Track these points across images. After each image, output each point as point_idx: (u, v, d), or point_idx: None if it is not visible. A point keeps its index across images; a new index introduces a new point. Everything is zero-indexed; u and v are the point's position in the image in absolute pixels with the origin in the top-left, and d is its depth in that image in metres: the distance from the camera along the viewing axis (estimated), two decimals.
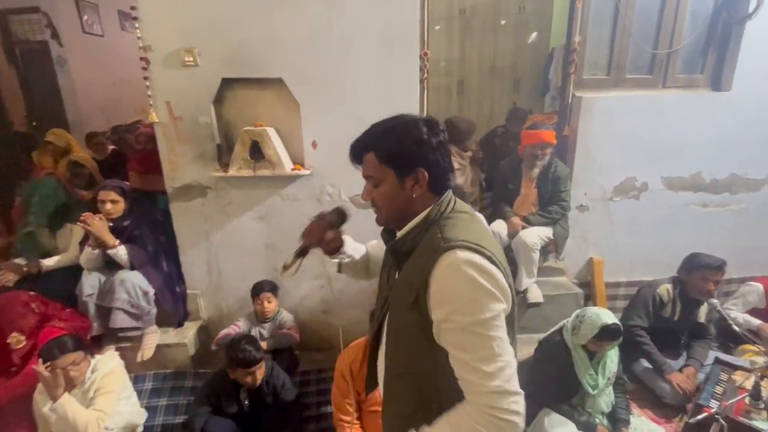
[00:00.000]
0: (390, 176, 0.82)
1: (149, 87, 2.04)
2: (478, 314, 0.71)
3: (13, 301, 1.91)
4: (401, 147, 0.81)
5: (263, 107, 2.15)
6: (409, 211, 0.84)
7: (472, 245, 0.74)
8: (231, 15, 1.96)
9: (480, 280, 0.72)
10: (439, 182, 0.83)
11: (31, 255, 2.24)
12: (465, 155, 2.72)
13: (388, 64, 2.06)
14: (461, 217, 0.83)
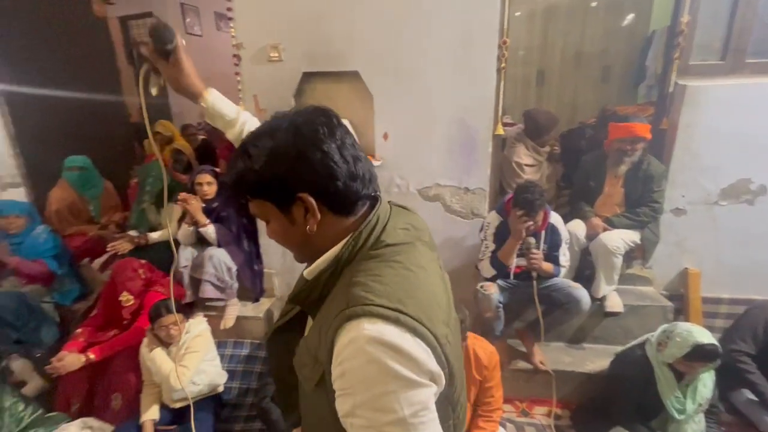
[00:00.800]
0: (272, 211, 0.62)
1: (239, 81, 2.23)
2: (392, 412, 0.51)
3: (126, 266, 2.23)
4: (265, 173, 0.59)
5: (339, 99, 2.24)
6: (317, 246, 0.63)
7: (388, 311, 0.52)
8: (314, 11, 2.05)
9: (391, 365, 0.51)
10: (341, 200, 0.60)
11: (142, 229, 2.61)
12: (542, 151, 2.56)
13: (464, 55, 2.01)
14: (386, 254, 0.59)
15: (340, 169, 0.58)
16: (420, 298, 0.57)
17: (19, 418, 1.79)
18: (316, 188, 0.59)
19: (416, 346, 0.53)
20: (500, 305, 1.98)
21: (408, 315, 0.53)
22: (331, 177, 0.58)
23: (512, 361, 2.19)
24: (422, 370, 0.53)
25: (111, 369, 2.00)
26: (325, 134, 0.58)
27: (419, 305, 0.56)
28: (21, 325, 2.07)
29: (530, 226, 1.84)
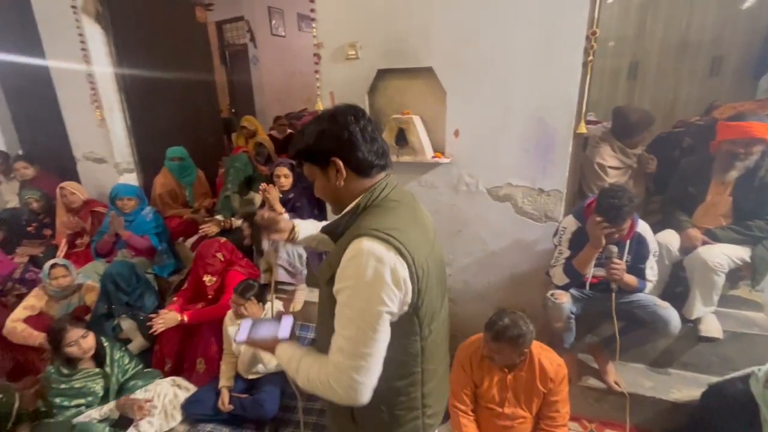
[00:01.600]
0: (316, 172, 0.90)
1: (318, 79, 2.34)
2: (362, 302, 0.78)
3: (206, 252, 2.43)
4: (311, 144, 0.87)
5: (411, 96, 2.25)
6: (344, 198, 0.91)
7: (381, 234, 0.79)
8: (391, 9, 2.08)
9: (372, 271, 0.76)
10: (360, 166, 0.87)
11: (226, 214, 2.88)
12: (631, 152, 2.32)
13: (547, 48, 1.89)
14: (388, 205, 0.88)
15: (360, 144, 0.85)
16: (406, 232, 0.82)
17: (124, 369, 2.09)
18: (343, 155, 0.86)
19: (395, 260, 0.78)
20: (572, 316, 1.85)
21: (395, 239, 0.79)
22: (354, 148, 0.85)
23: (582, 377, 2.03)
24: (396, 277, 0.78)
25: (198, 336, 2.25)
26: (351, 121, 0.86)
27: (404, 236, 0.81)
28: (131, 290, 2.41)
29: (613, 234, 1.68)
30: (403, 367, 0.89)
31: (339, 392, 0.79)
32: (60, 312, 2.39)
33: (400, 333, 0.84)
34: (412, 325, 0.86)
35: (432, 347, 0.92)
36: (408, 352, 0.89)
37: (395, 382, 0.89)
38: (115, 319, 2.36)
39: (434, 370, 0.95)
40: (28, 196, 3.10)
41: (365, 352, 0.77)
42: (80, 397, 1.90)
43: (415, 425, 0.95)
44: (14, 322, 2.27)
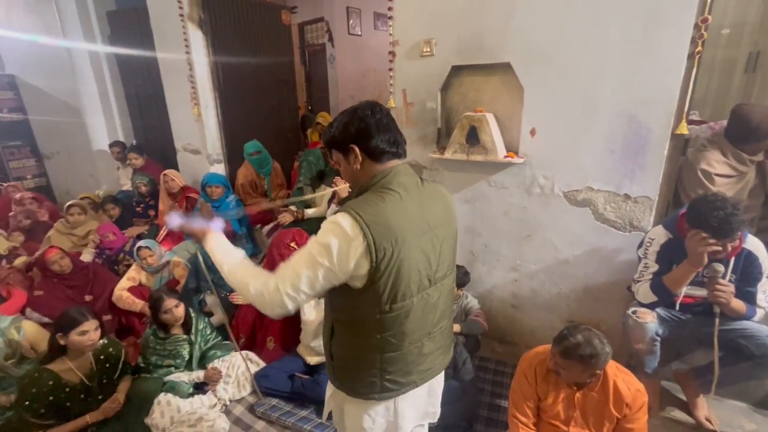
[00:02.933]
0: (340, 157, 1.05)
1: (392, 77, 2.37)
2: (313, 249, 0.95)
3: (281, 240, 2.61)
4: (336, 134, 1.03)
5: (486, 93, 2.18)
6: (360, 180, 1.05)
7: (351, 210, 0.93)
8: (469, 3, 2.03)
9: (331, 234, 0.93)
10: (374, 152, 1.00)
11: (299, 205, 3.06)
12: (748, 159, 1.92)
13: (645, 38, 1.71)
14: (380, 191, 0.98)
15: (374, 133, 1.00)
16: (379, 216, 0.94)
17: (206, 339, 2.34)
18: (359, 142, 1.00)
19: (353, 233, 0.92)
20: (657, 339, 1.66)
21: (360, 216, 0.92)
22: (369, 137, 1.00)
23: (666, 407, 1.82)
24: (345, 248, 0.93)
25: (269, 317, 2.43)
26: (368, 114, 1.00)
27: (374, 219, 0.93)
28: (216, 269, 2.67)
29: (718, 252, 1.46)
30: (363, 329, 1.05)
31: (262, 301, 0.98)
32: (155, 284, 2.75)
33: (361, 300, 0.99)
34: (371, 297, 0.98)
35: (393, 323, 1.03)
36: (364, 320, 1.03)
37: (356, 338, 1.07)
38: (201, 293, 2.64)
39: (397, 344, 1.06)
40: (138, 180, 3.59)
41: (301, 288, 0.95)
42: (170, 358, 2.16)
43: (372, 381, 1.09)
44: (120, 290, 2.66)
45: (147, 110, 4.21)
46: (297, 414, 2.06)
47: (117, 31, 4.06)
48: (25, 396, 1.69)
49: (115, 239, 3.13)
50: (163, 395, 2.00)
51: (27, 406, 1.69)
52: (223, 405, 2.12)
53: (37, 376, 1.73)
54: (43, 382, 1.71)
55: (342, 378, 1.14)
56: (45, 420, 1.72)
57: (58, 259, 2.60)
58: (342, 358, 1.12)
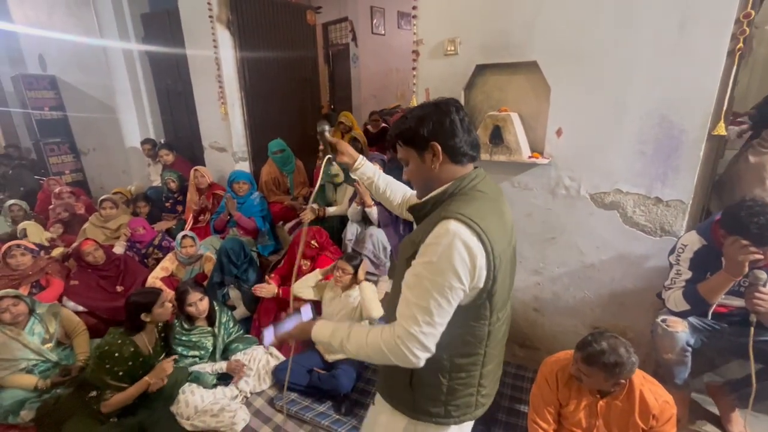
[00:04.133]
0: (412, 155, 0.96)
1: (415, 76, 2.36)
2: (438, 275, 0.83)
3: (308, 232, 2.69)
4: (414, 127, 0.93)
5: (510, 92, 2.14)
6: (434, 182, 0.95)
7: (466, 219, 0.83)
8: (495, 2, 2.00)
9: (456, 251, 0.81)
10: (456, 153, 0.92)
11: (321, 203, 3.10)
12: None
13: (680, 35, 1.64)
14: (475, 195, 0.92)
15: (459, 131, 0.91)
16: (488, 222, 0.86)
17: (229, 332, 2.40)
18: (442, 140, 0.91)
19: (477, 246, 0.83)
20: (688, 349, 1.59)
21: (479, 226, 0.84)
22: (453, 135, 0.91)
23: (696, 421, 1.74)
24: (473, 264, 0.83)
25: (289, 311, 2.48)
26: (453, 110, 0.92)
27: (486, 225, 0.85)
28: (240, 264, 2.74)
29: (760, 261, 1.38)
30: (469, 347, 0.96)
31: (402, 355, 0.85)
32: (186, 276, 2.84)
33: (471, 316, 0.91)
34: (483, 310, 0.91)
35: (497, 333, 0.98)
36: (476, 334, 0.95)
37: (460, 359, 0.96)
38: (225, 287, 2.72)
39: (495, 354, 1.01)
40: (167, 176, 3.73)
41: (436, 321, 0.84)
42: (195, 349, 2.23)
43: (469, 400, 1.02)
44: (154, 279, 2.77)
45: (177, 108, 4.36)
46: (315, 409, 2.09)
47: (150, 32, 4.21)
48: (108, 359, 1.90)
49: (144, 233, 3.26)
50: (188, 385, 2.07)
51: (108, 369, 1.88)
52: (244, 397, 2.17)
53: (120, 342, 1.95)
54: (125, 348, 1.94)
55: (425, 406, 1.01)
56: (121, 383, 1.91)
57: (92, 251, 2.72)
58: (432, 385, 0.99)
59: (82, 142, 5.40)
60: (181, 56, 3.69)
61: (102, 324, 2.57)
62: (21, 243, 2.68)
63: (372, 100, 6.01)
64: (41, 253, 2.85)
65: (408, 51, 2.37)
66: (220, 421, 1.95)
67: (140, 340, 2.02)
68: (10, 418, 1.98)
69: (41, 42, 5.14)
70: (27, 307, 2.16)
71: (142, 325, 2.03)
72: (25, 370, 2.11)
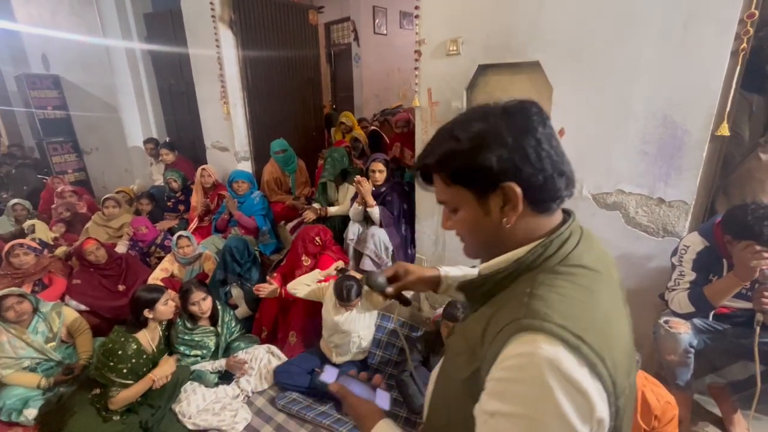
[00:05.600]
0: (466, 198, 0.59)
1: (417, 75, 2.36)
2: (529, 426, 0.47)
3: (306, 235, 2.67)
4: (471, 156, 0.55)
5: (513, 92, 2.13)
6: (504, 242, 0.59)
7: (570, 335, 0.48)
8: (498, 2, 1.99)
9: (560, 397, 0.46)
10: (543, 196, 0.56)
11: (323, 203, 3.10)
12: None
13: (684, 35, 1.63)
14: (576, 275, 0.53)
15: (547, 160, 0.55)
16: (606, 335, 0.51)
17: (231, 331, 2.41)
18: (523, 177, 0.54)
19: (591, 387, 0.47)
20: (691, 350, 1.59)
21: (590, 347, 0.48)
22: (540, 168, 0.54)
23: (698, 422, 1.74)
24: (589, 415, 0.47)
25: (292, 312, 2.48)
26: (537, 122, 0.55)
27: (604, 342, 0.49)
28: (243, 262, 2.75)
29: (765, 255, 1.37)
30: None
31: None
32: (186, 276, 2.85)
33: None
34: None
35: None
36: None
37: None
38: (227, 286, 2.72)
39: None
40: (169, 176, 3.74)
41: None
42: (198, 349, 2.24)
43: None
44: (154, 279, 2.77)
45: (179, 108, 4.37)
46: (316, 409, 2.10)
47: (153, 32, 4.23)
48: (111, 356, 1.90)
49: (147, 232, 3.27)
50: (190, 384, 2.08)
51: (112, 366, 1.89)
52: (246, 396, 2.17)
53: (123, 340, 1.95)
54: (128, 345, 1.95)
55: None
56: (126, 380, 1.92)
57: (94, 250, 2.74)
58: None
59: (85, 142, 5.42)
60: (184, 56, 3.70)
61: (104, 323, 2.58)
62: (24, 242, 2.70)
63: (374, 100, 6.01)
64: (44, 251, 2.87)
65: (410, 51, 2.37)
66: (222, 420, 1.96)
67: (143, 337, 2.03)
68: (13, 416, 1.99)
69: (44, 41, 5.16)
70: (31, 306, 2.17)
71: (145, 322, 2.04)
72: (28, 369, 2.12)
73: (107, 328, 2.25)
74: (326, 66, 6.58)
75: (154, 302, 2.02)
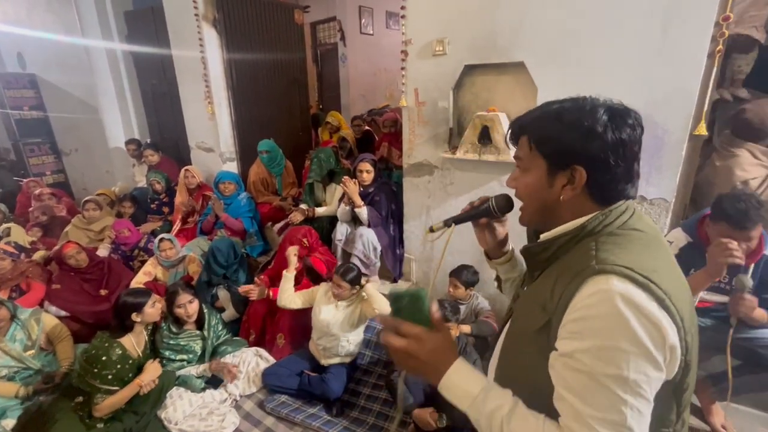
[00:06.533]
0: (540, 166, 0.67)
1: (404, 76, 2.37)
2: (617, 368, 0.53)
3: (295, 234, 2.67)
4: (560, 134, 0.63)
5: (498, 92, 2.16)
6: (554, 213, 0.68)
7: (638, 275, 0.55)
8: (483, 2, 2.01)
9: (635, 325, 0.53)
10: (604, 189, 0.64)
11: (310, 203, 3.08)
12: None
13: (662, 37, 1.67)
14: (634, 235, 0.62)
15: (623, 161, 0.62)
16: (670, 278, 0.58)
17: (218, 334, 2.37)
18: (593, 169, 0.62)
19: (661, 316, 0.54)
20: None
21: (658, 286, 0.55)
22: (613, 164, 0.61)
23: None
24: (662, 343, 0.54)
25: (280, 314, 2.45)
26: (631, 125, 0.62)
27: (668, 284, 0.56)
28: (229, 264, 2.70)
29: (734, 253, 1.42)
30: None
31: None
32: (170, 280, 2.80)
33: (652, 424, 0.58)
34: (668, 413, 0.62)
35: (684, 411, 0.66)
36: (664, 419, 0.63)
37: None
38: (214, 288, 2.68)
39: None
40: (152, 178, 3.66)
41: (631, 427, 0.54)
42: (183, 353, 2.20)
43: None
44: (137, 283, 2.71)
45: (162, 108, 4.29)
46: (306, 411, 2.08)
47: (134, 30, 4.13)
48: (95, 363, 1.85)
49: (130, 235, 3.19)
50: (176, 389, 2.04)
51: (96, 372, 1.83)
52: (234, 400, 2.14)
53: (107, 345, 1.90)
54: (113, 350, 1.89)
55: None
56: (111, 386, 1.86)
57: (74, 254, 2.66)
58: None
59: (64, 142, 5.26)
60: (166, 54, 3.63)
61: (86, 328, 2.51)
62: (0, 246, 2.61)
63: (361, 100, 5.99)
64: (21, 256, 2.77)
65: (397, 51, 2.37)
66: (209, 425, 1.93)
67: (128, 342, 1.99)
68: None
69: (20, 40, 4.99)
70: (8, 313, 2.10)
71: (131, 326, 1.99)
72: (6, 378, 2.05)
73: (89, 334, 2.19)
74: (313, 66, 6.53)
75: (141, 306, 1.97)
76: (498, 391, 0.65)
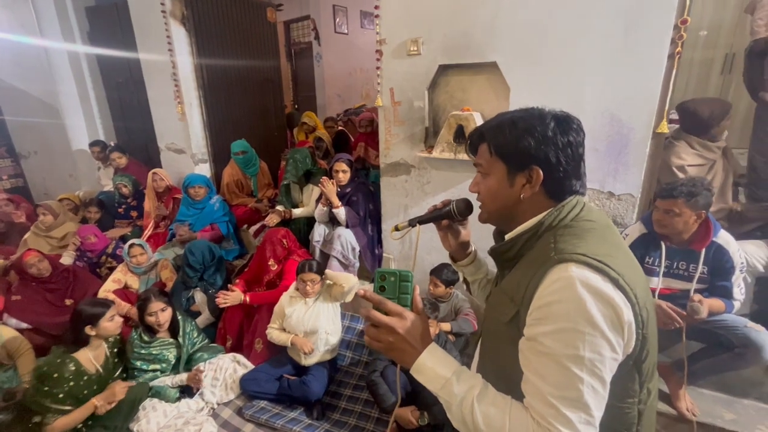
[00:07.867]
0: (500, 170, 0.75)
1: (379, 75, 2.36)
2: (574, 348, 0.59)
3: (273, 237, 2.63)
4: (517, 139, 0.71)
5: (472, 92, 2.19)
6: (515, 212, 0.76)
7: (593, 260, 0.61)
8: (456, 2, 2.04)
9: (591, 308, 0.59)
10: (558, 186, 0.72)
11: (287, 205, 3.03)
12: (714, 146, 2.10)
13: (626, 39, 1.74)
14: (586, 226, 0.69)
15: (572, 162, 0.71)
16: (622, 260, 0.64)
17: (194, 342, 2.30)
18: (548, 168, 0.70)
19: (617, 297, 0.60)
20: None
21: (611, 268, 0.61)
22: (564, 163, 0.70)
23: None
24: (618, 324, 0.60)
25: (257, 318, 2.40)
26: (575, 129, 0.72)
27: (621, 266, 0.63)
28: (206, 266, 2.62)
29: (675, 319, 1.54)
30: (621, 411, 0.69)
31: None
32: (141, 287, 2.69)
33: (616, 395, 0.65)
34: (631, 384, 0.68)
35: (650, 412, 0.72)
36: (624, 419, 0.70)
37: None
38: (190, 290, 2.59)
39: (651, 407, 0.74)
40: (119, 181, 3.51)
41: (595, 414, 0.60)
42: (156, 363, 2.12)
43: None
44: (105, 292, 2.59)
45: (129, 109, 4.11)
46: (286, 416, 2.05)
47: (96, 27, 3.95)
48: (47, 380, 1.73)
49: (96, 241, 3.05)
50: (149, 400, 1.96)
51: (46, 391, 1.72)
52: (211, 408, 2.09)
53: (59, 362, 1.78)
54: (65, 367, 1.77)
55: None
56: (63, 405, 1.74)
57: (36, 263, 2.52)
58: None
59: (22, 145, 4.96)
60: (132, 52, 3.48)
61: (51, 341, 2.38)
62: None
63: (337, 100, 5.95)
64: None
65: (372, 50, 2.37)
66: None
67: (84, 356, 1.86)
68: None
69: None
70: None
71: (86, 340, 1.88)
72: None
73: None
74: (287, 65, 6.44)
75: (97, 318, 1.86)
76: (469, 374, 0.70)
